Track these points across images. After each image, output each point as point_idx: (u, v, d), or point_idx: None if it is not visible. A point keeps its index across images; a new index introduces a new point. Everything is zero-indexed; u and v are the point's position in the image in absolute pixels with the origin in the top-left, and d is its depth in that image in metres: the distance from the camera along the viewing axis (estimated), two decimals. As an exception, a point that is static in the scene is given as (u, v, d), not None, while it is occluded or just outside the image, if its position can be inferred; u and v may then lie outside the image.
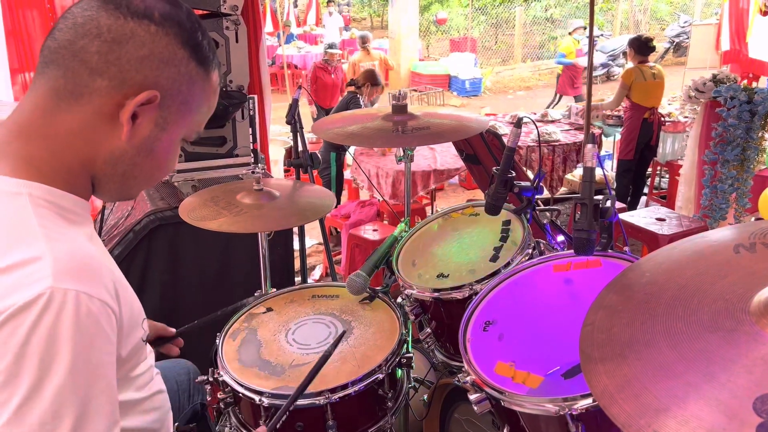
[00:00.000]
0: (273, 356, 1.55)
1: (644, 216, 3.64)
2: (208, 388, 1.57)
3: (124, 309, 0.87)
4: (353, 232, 3.85)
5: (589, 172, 1.29)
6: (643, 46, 4.97)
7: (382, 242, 1.87)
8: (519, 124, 1.53)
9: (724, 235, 1.02)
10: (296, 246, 2.71)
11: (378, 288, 1.77)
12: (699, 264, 0.95)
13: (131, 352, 0.95)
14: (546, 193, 4.99)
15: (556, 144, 4.81)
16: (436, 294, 1.61)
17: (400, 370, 1.61)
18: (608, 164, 6.33)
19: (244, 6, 2.39)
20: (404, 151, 2.12)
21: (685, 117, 5.48)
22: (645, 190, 5.50)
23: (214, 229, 1.69)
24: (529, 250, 1.61)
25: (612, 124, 5.72)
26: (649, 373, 0.78)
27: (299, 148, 2.34)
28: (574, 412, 1.08)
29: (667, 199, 5.24)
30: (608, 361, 0.84)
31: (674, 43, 14.20)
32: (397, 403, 1.57)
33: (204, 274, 2.46)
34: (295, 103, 2.30)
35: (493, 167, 1.59)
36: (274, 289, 1.88)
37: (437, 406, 1.82)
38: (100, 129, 0.86)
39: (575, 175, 5.49)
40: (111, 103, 0.84)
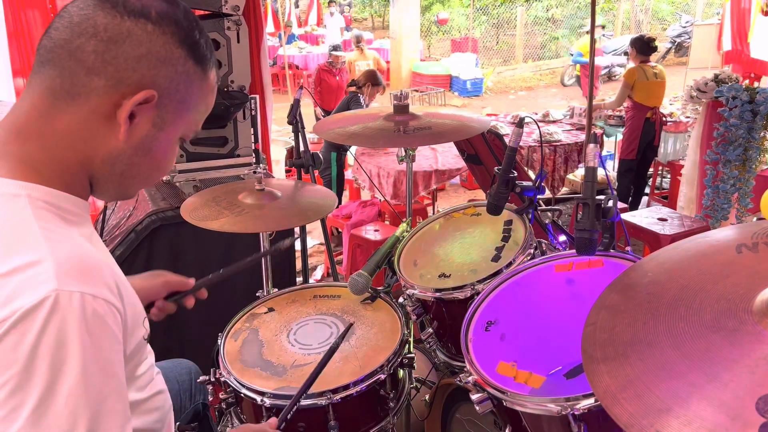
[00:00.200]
0: (274, 356, 1.55)
1: (646, 216, 3.63)
2: (210, 388, 1.57)
3: (127, 307, 0.87)
4: (354, 232, 3.85)
5: (591, 172, 1.29)
6: (645, 46, 4.97)
7: (384, 242, 1.87)
8: (521, 123, 1.53)
9: (726, 234, 1.02)
10: (298, 246, 2.71)
11: (380, 288, 1.77)
12: (701, 264, 0.95)
13: (134, 351, 0.95)
14: (547, 193, 4.99)
15: (558, 144, 4.82)
16: (438, 294, 1.61)
17: (401, 371, 1.61)
18: (610, 164, 6.33)
19: (245, 6, 2.39)
20: (406, 151, 2.12)
21: (687, 117, 5.47)
22: (646, 190, 5.50)
23: (216, 229, 1.69)
24: (531, 250, 1.61)
25: (613, 124, 5.71)
26: (651, 373, 0.78)
27: (301, 149, 2.34)
28: (577, 412, 1.08)
29: (668, 199, 5.24)
30: (610, 361, 0.84)
31: (676, 43, 14.18)
32: (399, 403, 1.57)
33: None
34: (297, 103, 2.30)
35: (495, 167, 1.59)
36: (275, 289, 1.88)
37: (439, 407, 1.82)
38: (97, 129, 0.85)
39: (577, 175, 5.48)
40: (108, 103, 0.84)
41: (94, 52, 0.82)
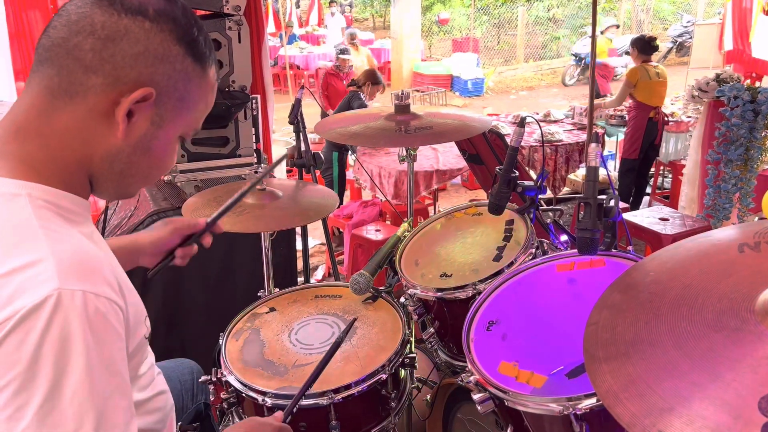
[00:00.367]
0: (276, 356, 1.55)
1: (647, 216, 3.63)
2: (212, 388, 1.58)
3: (129, 305, 0.87)
4: (356, 232, 3.85)
5: (593, 172, 1.28)
6: (647, 46, 4.96)
7: (385, 242, 1.87)
8: (522, 123, 1.53)
9: (728, 234, 1.02)
10: (299, 246, 2.71)
11: (381, 288, 1.77)
12: (703, 263, 0.95)
13: (136, 349, 0.95)
14: (549, 193, 4.98)
15: (559, 144, 4.81)
16: (440, 294, 1.61)
17: (403, 370, 1.61)
18: (611, 164, 6.32)
19: (246, 6, 2.39)
20: (407, 151, 2.12)
21: (688, 117, 5.47)
22: (648, 190, 5.49)
23: (217, 229, 1.68)
24: (533, 250, 1.60)
25: (615, 123, 5.70)
26: (653, 373, 0.78)
27: (302, 148, 2.34)
28: (578, 412, 1.08)
29: (670, 198, 5.23)
30: (612, 360, 0.83)
31: (677, 43, 14.17)
32: (401, 403, 1.57)
33: (207, 274, 2.46)
34: (298, 103, 2.30)
35: (496, 167, 1.59)
36: (277, 289, 1.88)
37: (440, 406, 1.82)
38: (95, 127, 0.85)
39: (578, 175, 5.48)
40: (106, 101, 0.84)
41: (92, 50, 0.82)
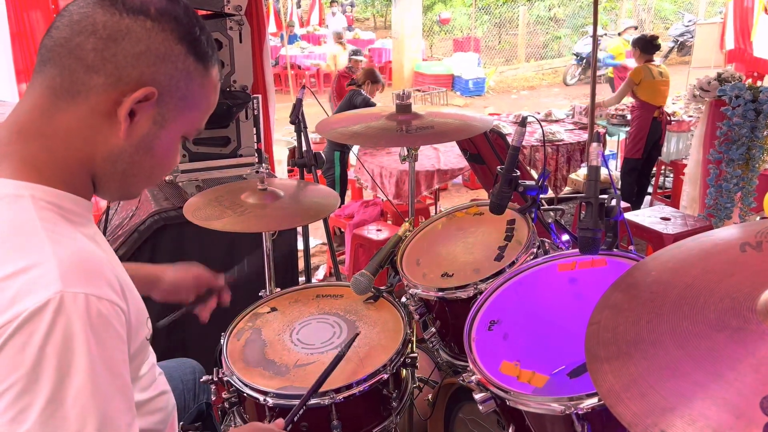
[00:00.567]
0: (277, 356, 1.55)
1: (649, 215, 3.63)
2: (213, 387, 1.58)
3: (131, 308, 0.87)
4: (357, 231, 3.85)
5: (594, 171, 1.28)
6: (649, 45, 4.94)
7: (386, 242, 1.87)
8: (523, 123, 1.53)
9: (730, 233, 1.02)
10: (300, 246, 2.71)
11: (382, 287, 1.77)
12: (705, 263, 0.95)
13: (137, 351, 0.95)
14: (550, 193, 4.98)
15: (560, 143, 4.81)
16: (441, 293, 1.61)
17: (404, 370, 1.61)
18: (612, 164, 6.32)
19: (247, 6, 2.39)
20: (408, 151, 2.12)
21: (690, 116, 5.46)
22: (649, 190, 5.49)
23: (219, 228, 1.69)
24: (534, 250, 1.60)
25: (616, 123, 5.70)
26: (655, 372, 0.78)
27: (303, 148, 2.34)
28: (580, 412, 1.08)
29: (671, 198, 5.23)
30: (614, 360, 0.83)
31: (678, 42, 14.16)
32: (402, 403, 1.57)
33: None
34: (299, 102, 2.30)
35: (498, 166, 1.59)
36: (278, 289, 1.88)
37: (442, 406, 1.82)
38: (98, 127, 0.85)
39: (579, 174, 5.48)
40: (108, 101, 0.84)
41: (94, 50, 0.82)
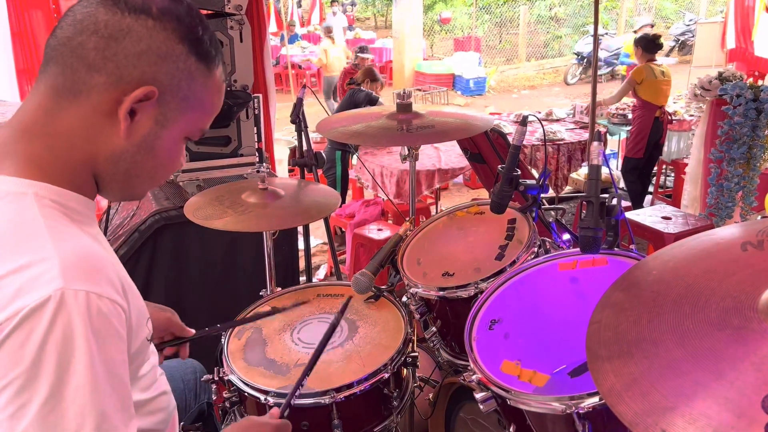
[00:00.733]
0: (278, 355, 1.55)
1: (650, 215, 3.62)
2: (214, 387, 1.58)
3: (132, 307, 0.87)
4: (358, 231, 3.85)
5: (595, 170, 1.28)
6: (651, 44, 4.92)
7: (387, 241, 1.87)
8: (524, 122, 1.53)
9: (731, 232, 1.01)
10: (301, 245, 2.71)
11: (383, 287, 1.77)
12: (706, 262, 0.95)
13: (137, 351, 0.95)
14: (551, 192, 4.98)
15: (561, 143, 4.80)
16: (442, 293, 1.60)
17: (405, 369, 1.60)
18: (613, 163, 6.31)
19: (248, 6, 2.39)
20: (409, 150, 2.11)
21: (691, 115, 5.46)
22: (650, 189, 5.48)
23: (219, 228, 1.69)
24: (535, 249, 1.60)
25: (617, 122, 5.69)
26: (656, 371, 0.78)
27: (304, 148, 2.34)
28: (581, 411, 1.08)
29: (672, 197, 5.22)
30: (615, 359, 0.83)
31: (679, 42, 14.15)
32: (403, 402, 1.57)
33: (209, 274, 2.46)
34: (300, 102, 2.30)
35: (498, 166, 1.59)
36: (279, 289, 1.88)
37: (442, 406, 1.82)
38: (99, 126, 0.85)
39: (580, 173, 5.47)
40: (109, 100, 0.84)
41: (95, 49, 0.82)
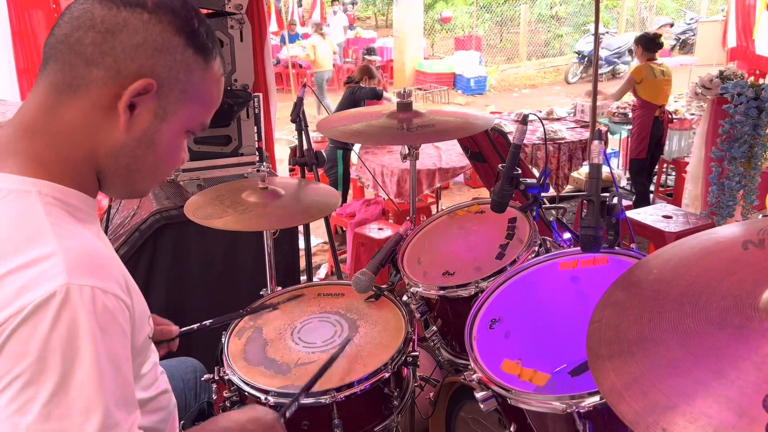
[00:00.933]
0: (278, 355, 1.55)
1: (651, 213, 3.62)
2: (215, 386, 1.58)
3: (135, 304, 0.88)
4: (358, 230, 3.85)
5: (596, 169, 1.28)
6: (651, 43, 4.91)
7: (388, 240, 1.86)
8: (525, 121, 1.53)
9: (732, 231, 1.01)
10: (302, 245, 2.71)
11: (383, 286, 1.77)
12: (707, 260, 0.95)
13: (140, 348, 0.95)
14: (552, 191, 4.97)
15: (562, 142, 4.80)
16: (442, 292, 1.60)
17: (405, 369, 1.60)
18: (614, 162, 6.31)
19: (248, 5, 2.39)
20: (409, 149, 2.11)
21: (692, 114, 5.45)
22: (651, 188, 5.48)
23: (219, 227, 1.69)
24: (536, 248, 1.60)
25: (618, 121, 5.69)
26: (657, 371, 0.78)
27: (304, 147, 2.34)
28: (582, 410, 1.07)
29: (673, 196, 5.22)
30: (616, 358, 0.83)
31: (680, 40, 14.14)
32: (403, 401, 1.57)
33: (209, 274, 2.46)
34: (300, 101, 2.30)
35: (499, 165, 1.58)
36: (279, 288, 1.88)
37: (443, 405, 1.82)
38: (99, 121, 0.86)
39: (581, 173, 5.47)
40: (108, 94, 0.84)
41: (92, 44, 0.83)
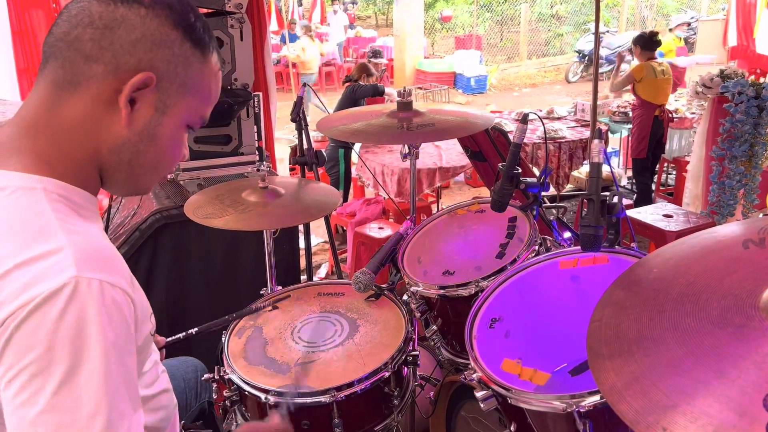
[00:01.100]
0: (279, 354, 1.54)
1: (651, 212, 3.61)
2: (215, 385, 1.58)
3: (137, 300, 0.88)
4: (359, 230, 3.85)
5: (596, 168, 1.28)
6: (649, 42, 4.89)
7: (388, 240, 1.86)
8: (525, 120, 1.52)
9: (732, 230, 1.01)
10: (302, 244, 2.71)
11: (384, 285, 1.76)
12: (707, 259, 0.95)
13: (142, 345, 0.96)
14: (552, 191, 4.97)
15: (563, 141, 4.79)
16: (442, 291, 1.60)
17: (406, 368, 1.60)
18: (615, 161, 6.31)
19: (248, 4, 2.39)
20: (409, 149, 2.11)
21: (692, 113, 5.44)
22: (652, 187, 5.48)
23: (220, 226, 1.68)
24: (536, 247, 1.60)
25: (618, 120, 5.69)
26: (657, 370, 0.78)
27: (304, 146, 2.34)
28: (582, 410, 1.07)
29: (674, 195, 5.22)
30: (616, 357, 0.83)
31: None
32: (403, 401, 1.57)
33: (210, 273, 2.46)
34: (300, 100, 2.30)
35: (499, 164, 1.58)
36: (279, 287, 1.88)
37: (443, 404, 1.82)
38: (101, 117, 0.87)
39: (581, 172, 5.47)
40: (108, 89, 0.85)
41: (91, 40, 0.84)
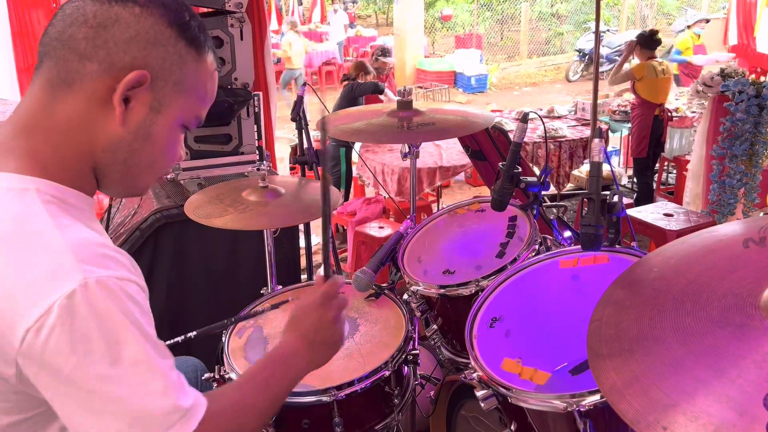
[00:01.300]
0: (279, 353, 1.54)
1: (652, 212, 3.61)
2: (215, 385, 1.58)
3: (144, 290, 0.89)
4: (359, 229, 3.85)
5: (597, 167, 1.28)
6: (649, 41, 4.89)
7: (388, 239, 1.86)
8: (525, 119, 1.52)
9: (733, 229, 1.01)
10: (302, 243, 2.71)
11: (384, 285, 1.76)
12: (708, 259, 0.95)
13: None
14: (552, 190, 4.96)
15: (563, 140, 4.79)
16: (442, 290, 1.60)
17: (406, 367, 1.60)
18: (615, 160, 6.30)
19: (248, 3, 2.39)
20: (410, 148, 2.11)
21: (693, 112, 5.44)
22: (653, 186, 5.47)
23: (220, 226, 1.68)
24: (536, 246, 1.60)
25: (619, 119, 5.69)
26: (657, 369, 0.78)
27: (304, 146, 2.34)
28: (582, 409, 1.07)
29: (674, 194, 5.21)
30: (616, 356, 0.83)
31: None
32: (404, 400, 1.57)
33: (210, 272, 2.46)
34: (300, 100, 2.30)
35: (499, 163, 1.58)
36: (280, 287, 1.88)
37: (444, 403, 1.82)
38: (95, 116, 0.87)
39: (582, 171, 5.46)
40: (103, 88, 0.85)
41: (85, 39, 0.84)
